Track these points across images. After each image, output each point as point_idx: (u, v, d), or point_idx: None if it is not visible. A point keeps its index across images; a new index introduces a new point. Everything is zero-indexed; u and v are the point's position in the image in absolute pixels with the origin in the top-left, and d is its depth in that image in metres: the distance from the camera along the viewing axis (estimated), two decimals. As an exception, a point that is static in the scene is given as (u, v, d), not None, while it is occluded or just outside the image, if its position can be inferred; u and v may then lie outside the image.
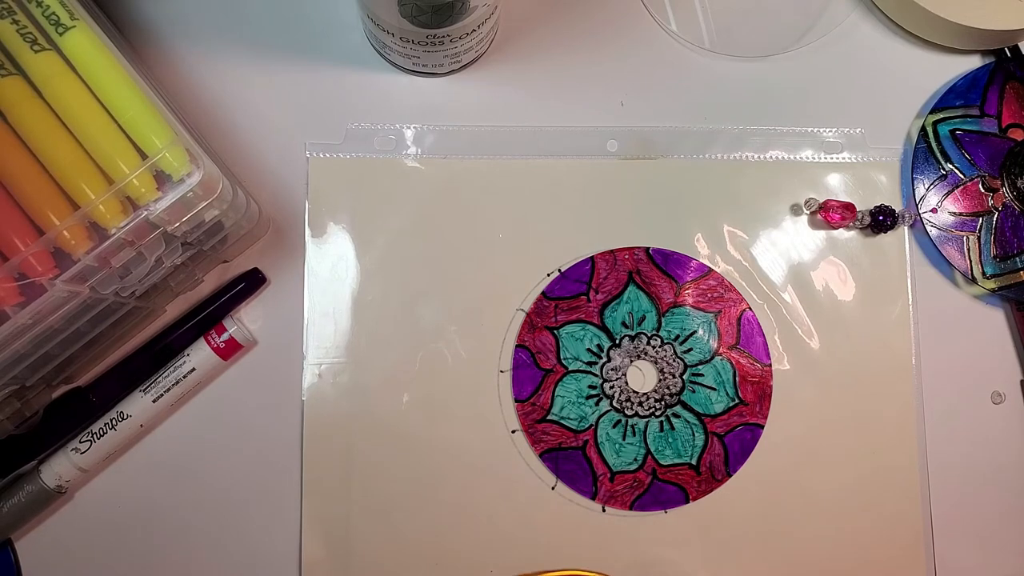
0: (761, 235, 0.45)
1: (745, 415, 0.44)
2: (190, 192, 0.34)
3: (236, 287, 0.42)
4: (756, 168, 0.46)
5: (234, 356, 0.42)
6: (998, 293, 0.45)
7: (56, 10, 0.35)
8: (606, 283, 0.44)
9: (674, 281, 0.44)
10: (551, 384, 0.43)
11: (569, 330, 0.44)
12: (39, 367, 0.36)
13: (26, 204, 0.34)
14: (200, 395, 0.43)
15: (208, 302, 0.42)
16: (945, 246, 0.45)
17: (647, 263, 0.44)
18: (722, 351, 0.44)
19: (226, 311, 0.42)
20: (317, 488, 0.42)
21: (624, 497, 0.43)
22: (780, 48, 0.46)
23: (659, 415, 0.44)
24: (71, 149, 0.34)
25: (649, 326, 0.44)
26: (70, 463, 0.40)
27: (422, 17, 0.37)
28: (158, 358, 0.42)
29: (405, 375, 0.43)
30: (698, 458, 0.43)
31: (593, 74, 0.46)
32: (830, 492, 0.44)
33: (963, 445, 0.45)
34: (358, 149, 0.44)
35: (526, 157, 0.45)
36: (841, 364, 0.44)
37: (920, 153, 0.45)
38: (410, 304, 0.44)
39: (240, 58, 0.44)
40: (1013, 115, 0.46)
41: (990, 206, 0.45)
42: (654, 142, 0.45)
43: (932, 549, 0.44)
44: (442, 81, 0.45)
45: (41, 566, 0.41)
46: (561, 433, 0.43)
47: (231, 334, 0.42)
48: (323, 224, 0.44)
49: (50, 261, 0.33)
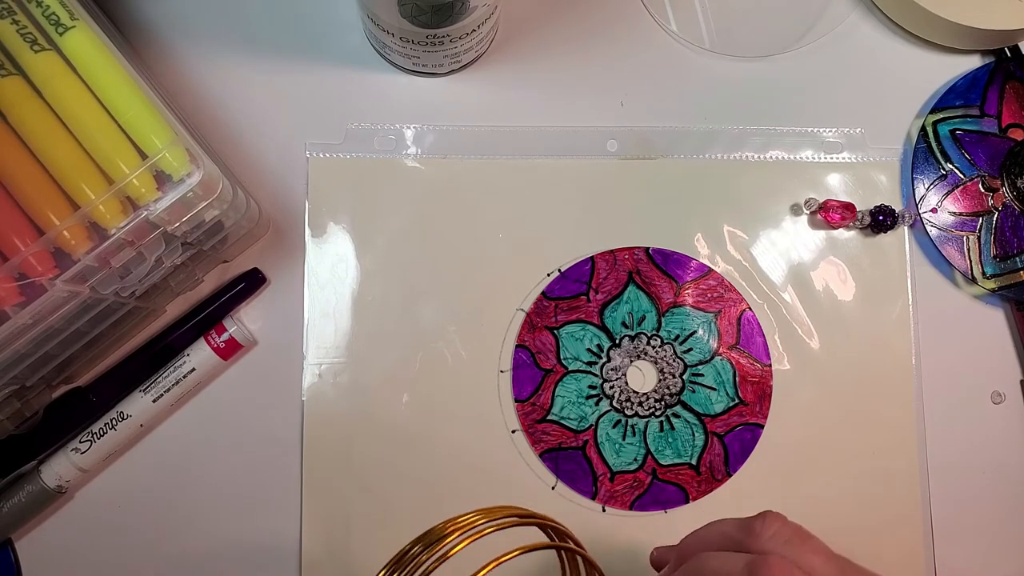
0: (761, 235, 0.45)
1: (745, 415, 0.44)
2: (190, 192, 0.34)
3: (236, 287, 0.42)
4: (756, 168, 0.46)
5: (234, 356, 0.42)
6: (998, 293, 0.45)
7: (56, 10, 0.35)
8: (606, 283, 0.44)
9: (674, 281, 0.44)
10: (551, 384, 0.43)
11: (569, 330, 0.44)
12: (39, 367, 0.36)
13: (26, 204, 0.34)
14: (200, 395, 0.43)
15: (208, 302, 0.42)
16: (945, 246, 0.45)
17: (647, 263, 0.44)
18: (722, 351, 0.44)
19: (226, 311, 0.42)
20: (317, 488, 0.42)
21: (624, 497, 0.43)
22: (780, 48, 0.46)
23: (659, 415, 0.44)
24: (71, 149, 0.34)
25: (649, 326, 0.44)
26: (70, 463, 0.40)
27: (422, 17, 0.37)
28: (158, 358, 0.42)
29: (405, 375, 0.43)
30: (698, 458, 0.43)
31: (593, 74, 0.46)
32: (830, 492, 0.44)
33: (963, 445, 0.45)
34: (358, 149, 0.44)
35: (526, 157, 0.45)
36: (841, 364, 0.44)
37: (920, 153, 0.45)
38: (410, 304, 0.44)
39: (240, 58, 0.44)
40: (1013, 115, 0.46)
41: (990, 206, 0.45)
42: (654, 142, 0.45)
43: (932, 549, 0.44)
44: (442, 81, 0.45)
45: (41, 566, 0.41)
46: (561, 433, 0.43)
47: (231, 334, 0.42)
48: (323, 224, 0.44)
49: (50, 261, 0.33)
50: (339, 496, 0.42)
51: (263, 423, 0.43)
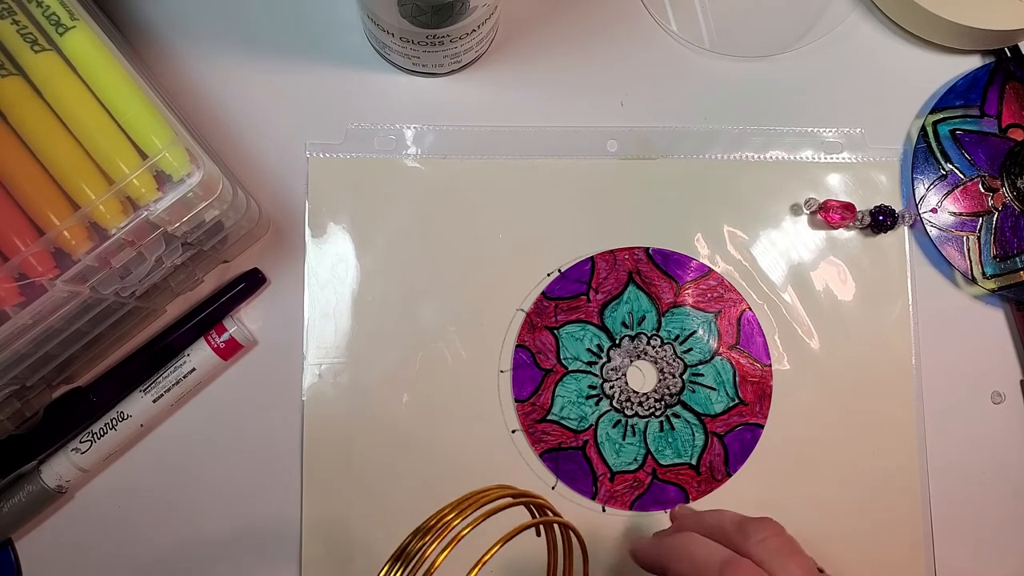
0: (761, 235, 0.45)
1: (745, 415, 0.44)
2: (190, 192, 0.34)
3: (236, 287, 0.42)
4: (756, 168, 0.46)
5: (234, 356, 0.42)
6: (998, 293, 0.45)
7: (56, 10, 0.35)
8: (606, 283, 0.44)
9: (674, 281, 0.44)
10: (551, 384, 0.43)
11: (569, 330, 0.44)
12: (39, 367, 0.36)
13: (26, 204, 0.34)
14: (200, 395, 0.43)
15: (208, 302, 0.42)
16: (945, 246, 0.45)
17: (647, 263, 0.44)
18: (722, 351, 0.44)
19: (226, 311, 0.42)
20: (317, 488, 0.42)
21: (624, 497, 0.43)
22: (780, 48, 0.46)
23: (659, 415, 0.44)
24: (71, 149, 0.34)
25: (649, 326, 0.44)
26: (70, 463, 0.40)
27: (422, 17, 0.37)
28: (158, 358, 0.42)
29: (405, 375, 0.43)
30: (698, 458, 0.43)
31: (593, 74, 0.46)
32: (830, 492, 0.44)
33: (963, 445, 0.45)
34: (358, 149, 0.44)
35: (526, 157, 0.45)
36: (841, 364, 0.44)
37: (920, 153, 0.45)
38: (410, 304, 0.44)
39: (240, 58, 0.44)
40: (1013, 115, 0.46)
41: (990, 206, 0.45)
42: (654, 142, 0.45)
43: (932, 549, 0.44)
44: (442, 81, 0.45)
45: (41, 566, 0.41)
46: (561, 433, 0.43)
47: (231, 334, 0.42)
48: (323, 224, 0.44)
49: (50, 261, 0.33)
50: (339, 496, 0.42)
51: (263, 423, 0.43)
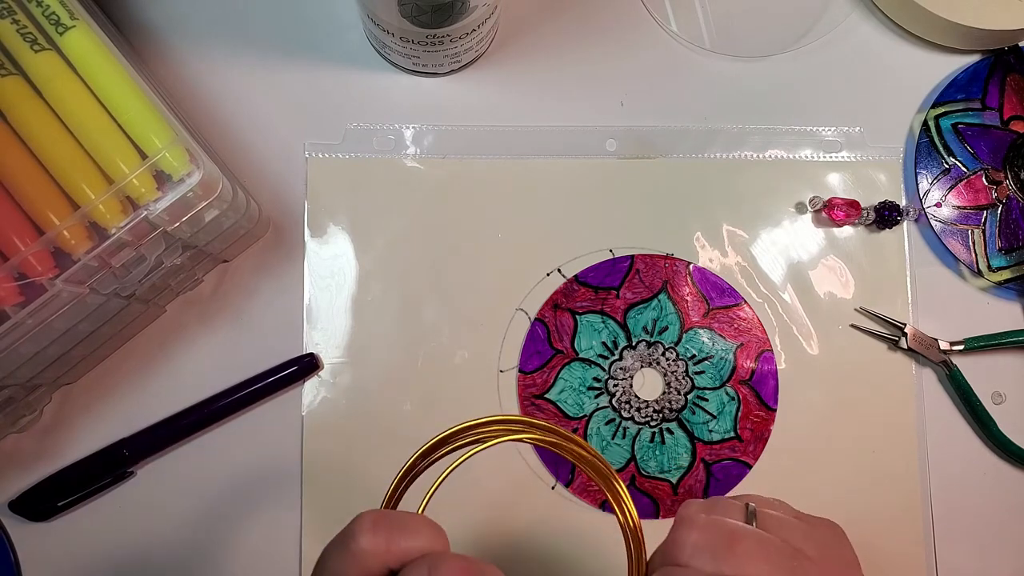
0: (761, 234, 0.45)
1: (737, 451, 0.43)
2: (190, 192, 0.34)
3: (289, 369, 0.42)
4: (756, 167, 0.46)
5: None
6: (1006, 285, 0.45)
7: (56, 10, 0.35)
8: (639, 285, 0.44)
9: (706, 302, 0.44)
10: (558, 365, 0.43)
11: (590, 319, 0.44)
12: (39, 367, 0.36)
13: (26, 204, 0.34)
14: (200, 395, 0.43)
15: (257, 379, 0.42)
16: (949, 240, 0.45)
17: (684, 277, 0.44)
18: (733, 383, 0.44)
19: (274, 390, 0.42)
20: (317, 489, 0.42)
21: (597, 495, 0.43)
22: (780, 48, 0.46)
23: (654, 425, 0.43)
24: (71, 149, 0.34)
25: (669, 338, 0.44)
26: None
27: (422, 17, 0.37)
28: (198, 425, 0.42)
29: (405, 375, 0.43)
30: (680, 478, 0.43)
31: (593, 74, 0.46)
32: (830, 492, 0.44)
33: (963, 445, 0.45)
34: (357, 149, 0.44)
35: (526, 157, 0.45)
36: (840, 363, 0.44)
37: (923, 147, 0.45)
38: (410, 304, 0.43)
39: (240, 58, 0.44)
40: (1014, 107, 0.46)
41: (994, 199, 0.45)
42: (653, 142, 0.45)
43: (932, 549, 0.44)
44: (442, 81, 0.45)
45: (41, 566, 0.41)
46: (555, 415, 0.43)
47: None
48: (323, 224, 0.44)
49: (50, 261, 0.33)
50: (339, 497, 0.42)
51: (263, 423, 0.43)
